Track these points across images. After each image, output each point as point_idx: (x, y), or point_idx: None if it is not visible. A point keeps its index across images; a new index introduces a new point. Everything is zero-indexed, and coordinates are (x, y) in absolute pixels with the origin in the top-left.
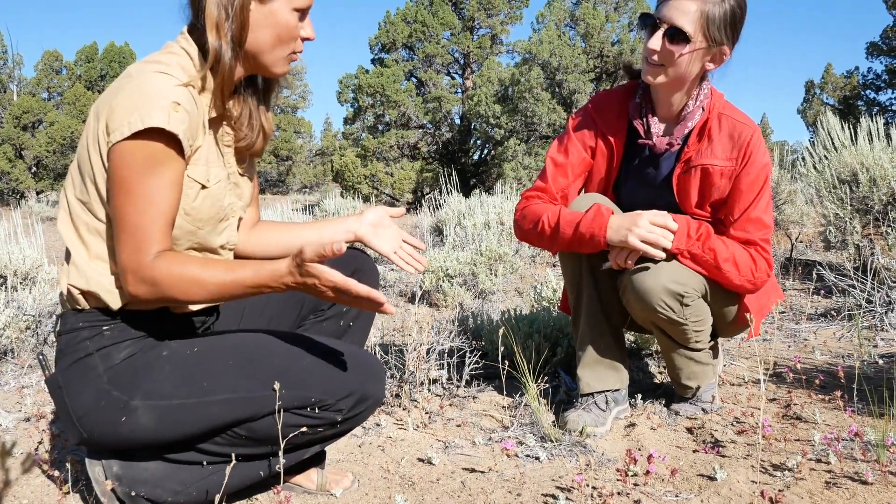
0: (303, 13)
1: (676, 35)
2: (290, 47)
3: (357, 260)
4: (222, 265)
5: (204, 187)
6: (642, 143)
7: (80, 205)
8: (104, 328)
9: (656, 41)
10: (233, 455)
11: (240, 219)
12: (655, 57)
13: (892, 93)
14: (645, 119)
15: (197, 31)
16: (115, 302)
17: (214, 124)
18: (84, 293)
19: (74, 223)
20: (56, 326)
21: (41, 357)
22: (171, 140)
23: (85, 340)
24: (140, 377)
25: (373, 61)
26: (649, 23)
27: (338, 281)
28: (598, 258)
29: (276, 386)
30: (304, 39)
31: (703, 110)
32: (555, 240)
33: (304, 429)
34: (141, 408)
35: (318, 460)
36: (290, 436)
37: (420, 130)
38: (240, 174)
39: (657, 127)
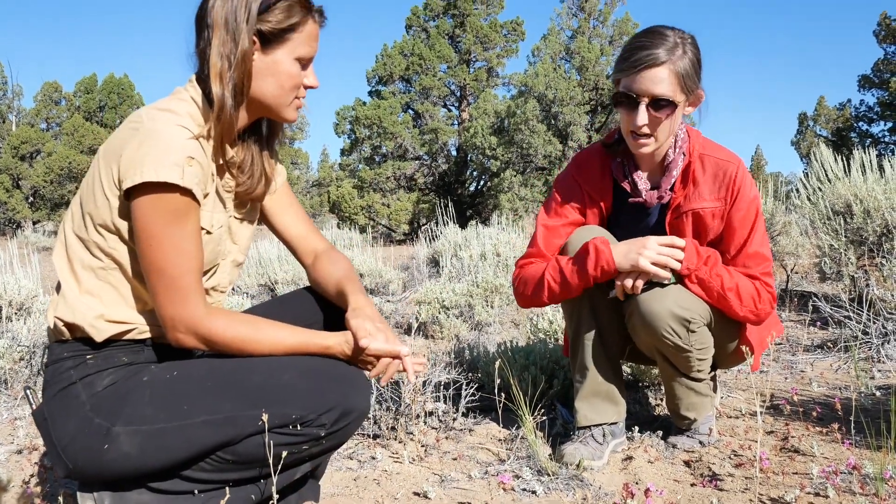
0: (306, 62)
1: (660, 104)
2: (293, 94)
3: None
4: (273, 328)
5: (208, 233)
6: (633, 201)
7: (77, 240)
8: (88, 357)
9: (642, 116)
10: (226, 488)
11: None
12: (645, 129)
13: (885, 125)
14: (630, 177)
15: (202, 80)
16: (98, 336)
17: (218, 170)
18: (68, 325)
19: (69, 257)
20: (43, 359)
21: (28, 391)
22: (186, 191)
23: (69, 370)
24: (122, 404)
25: (370, 93)
26: (625, 100)
27: (390, 374)
28: (598, 289)
29: (258, 405)
30: (307, 87)
31: (685, 155)
32: (568, 291)
33: (285, 451)
34: (123, 434)
35: (313, 495)
36: (275, 455)
37: (416, 162)
38: (238, 219)
39: (644, 182)
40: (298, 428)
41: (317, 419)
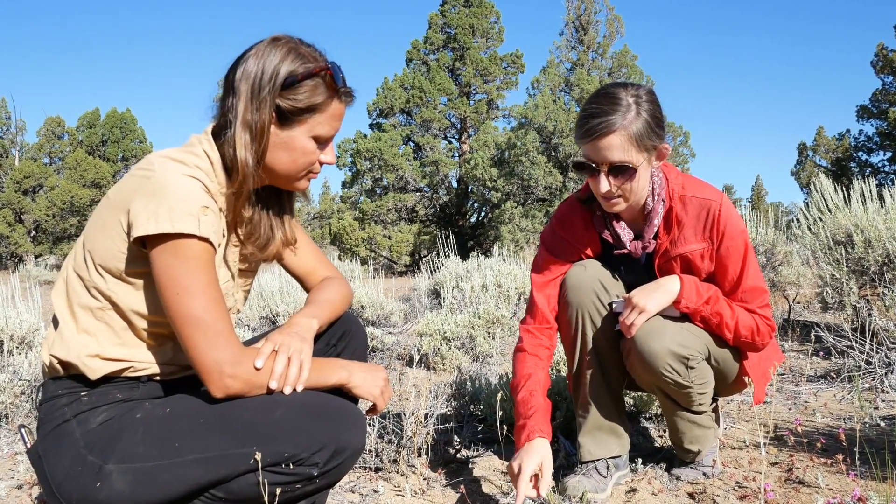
0: (324, 140)
1: (619, 169)
2: (305, 169)
3: (346, 323)
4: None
5: None
6: (617, 253)
7: (77, 279)
8: (82, 394)
9: (605, 184)
10: None
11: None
12: (610, 193)
13: (884, 154)
14: (612, 228)
15: (220, 137)
16: (92, 374)
17: (227, 227)
18: (63, 363)
19: (69, 295)
20: (38, 397)
21: (22, 430)
22: (204, 239)
23: (63, 407)
24: (114, 441)
25: (371, 126)
26: (586, 167)
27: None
28: (599, 326)
29: (248, 443)
30: (322, 163)
31: (665, 201)
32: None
33: (278, 490)
34: (115, 472)
35: None
36: (269, 494)
37: (417, 194)
38: (241, 269)
39: (627, 233)
40: (291, 467)
41: (309, 458)
